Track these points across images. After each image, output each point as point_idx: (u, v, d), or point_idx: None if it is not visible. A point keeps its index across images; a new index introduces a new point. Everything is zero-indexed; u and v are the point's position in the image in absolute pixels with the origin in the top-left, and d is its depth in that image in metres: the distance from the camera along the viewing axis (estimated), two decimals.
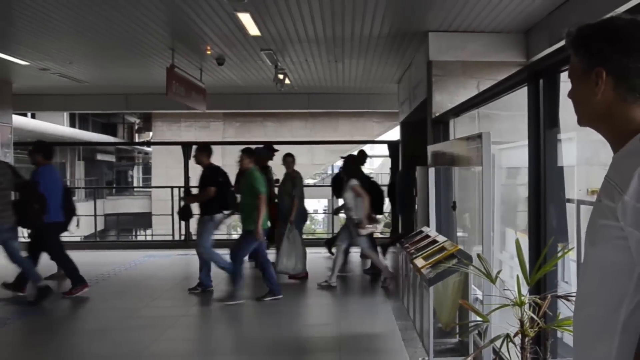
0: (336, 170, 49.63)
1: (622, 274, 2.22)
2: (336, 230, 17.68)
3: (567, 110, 5.48)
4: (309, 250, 13.46)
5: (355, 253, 14.48)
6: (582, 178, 7.36)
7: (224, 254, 11.66)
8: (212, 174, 12.08)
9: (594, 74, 2.36)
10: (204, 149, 12.41)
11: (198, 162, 12.16)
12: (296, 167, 14.00)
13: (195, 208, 12.42)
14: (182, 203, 13.30)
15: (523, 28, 11.44)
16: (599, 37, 2.38)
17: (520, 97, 6.99)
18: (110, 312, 11.13)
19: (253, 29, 11.62)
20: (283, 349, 8.82)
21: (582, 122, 2.52)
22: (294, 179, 13.57)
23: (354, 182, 12.47)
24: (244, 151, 11.59)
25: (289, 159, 13.84)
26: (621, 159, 2.32)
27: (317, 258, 14.48)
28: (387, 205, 16.26)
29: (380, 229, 13.80)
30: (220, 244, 12.73)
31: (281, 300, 11.51)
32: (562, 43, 2.62)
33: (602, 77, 2.34)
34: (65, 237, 12.73)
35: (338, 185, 14.72)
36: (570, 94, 2.52)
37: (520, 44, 11.70)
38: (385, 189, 16.30)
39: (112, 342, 9.26)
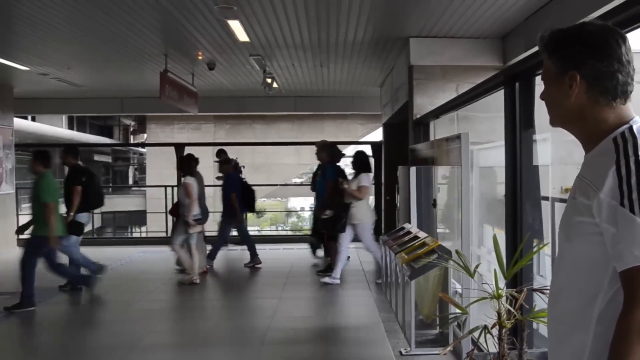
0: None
1: (597, 268, 2.27)
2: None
3: (542, 112, 5.48)
4: (295, 245, 13.48)
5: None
6: (556, 177, 7.36)
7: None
8: (77, 174, 11.79)
9: (568, 77, 2.37)
10: (70, 149, 12.21)
11: (65, 162, 11.99)
12: (284, 167, 14.02)
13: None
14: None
15: (500, 34, 11.44)
16: (574, 42, 2.39)
17: (497, 99, 6.99)
18: (108, 305, 11.12)
19: (242, 36, 11.59)
20: (273, 340, 8.79)
21: (554, 122, 2.54)
22: None
23: (188, 180, 12.51)
24: (35, 155, 11.14)
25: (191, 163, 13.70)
26: (594, 158, 2.36)
27: (301, 254, 14.36)
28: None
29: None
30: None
31: (267, 293, 11.53)
32: (537, 48, 2.62)
33: (576, 80, 2.36)
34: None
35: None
36: (544, 96, 2.55)
37: (497, 49, 11.70)
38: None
39: (110, 334, 9.26)
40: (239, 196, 13.99)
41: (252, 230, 30.97)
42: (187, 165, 12.87)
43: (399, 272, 8.90)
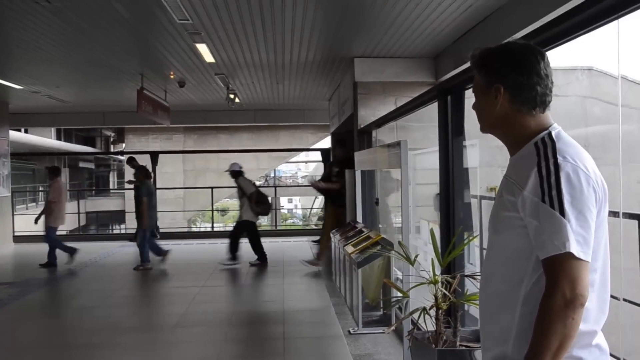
0: (278, 174, 49.42)
1: (522, 256, 2.31)
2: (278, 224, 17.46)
3: (471, 121, 5.51)
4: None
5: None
6: (483, 178, 7.40)
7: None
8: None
9: (494, 89, 2.40)
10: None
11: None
12: (245, 172, 13.94)
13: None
14: None
15: (432, 54, 11.48)
16: (498, 58, 2.46)
17: (430, 111, 7.01)
18: (93, 293, 11.01)
19: (209, 57, 11.54)
20: (237, 321, 8.76)
21: (484, 129, 2.58)
22: None
23: None
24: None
25: None
26: (518, 160, 2.40)
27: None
28: (320, 201, 16.07)
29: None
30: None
31: (233, 281, 11.48)
32: (466, 65, 2.65)
33: (500, 91, 2.42)
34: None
35: None
36: (474, 106, 2.58)
37: (430, 67, 11.75)
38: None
39: (95, 318, 9.16)
40: None
41: (218, 226, 30.78)
42: None
43: (347, 261, 8.90)
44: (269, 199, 13.69)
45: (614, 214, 4.21)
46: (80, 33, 9.87)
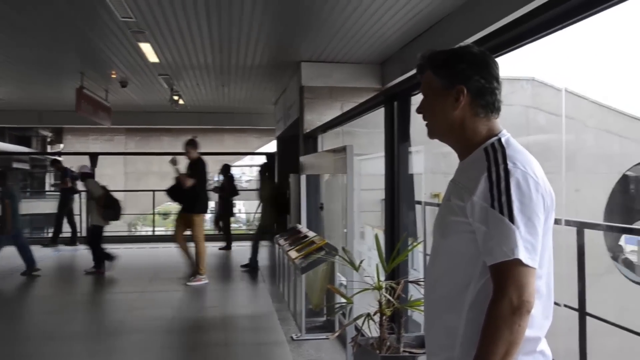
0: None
1: (469, 261, 2.30)
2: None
3: (416, 127, 5.55)
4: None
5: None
6: (427, 184, 7.47)
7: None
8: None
9: (455, 91, 2.39)
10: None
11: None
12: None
13: None
14: None
15: (379, 60, 11.58)
16: (462, 59, 2.43)
17: (376, 116, 7.05)
18: (28, 300, 10.79)
19: (152, 57, 11.44)
20: (177, 328, 8.66)
21: (434, 134, 2.54)
22: None
23: None
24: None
25: None
26: (467, 165, 2.40)
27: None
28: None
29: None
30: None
31: (172, 286, 11.38)
32: (413, 72, 2.64)
33: (463, 93, 2.39)
34: None
35: None
36: (423, 109, 2.55)
37: (376, 73, 11.84)
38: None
39: (33, 325, 8.97)
40: None
41: (160, 229, 30.52)
42: None
43: (290, 266, 8.90)
44: (120, 203, 13.40)
45: (555, 221, 4.29)
46: (15, 27, 9.68)
